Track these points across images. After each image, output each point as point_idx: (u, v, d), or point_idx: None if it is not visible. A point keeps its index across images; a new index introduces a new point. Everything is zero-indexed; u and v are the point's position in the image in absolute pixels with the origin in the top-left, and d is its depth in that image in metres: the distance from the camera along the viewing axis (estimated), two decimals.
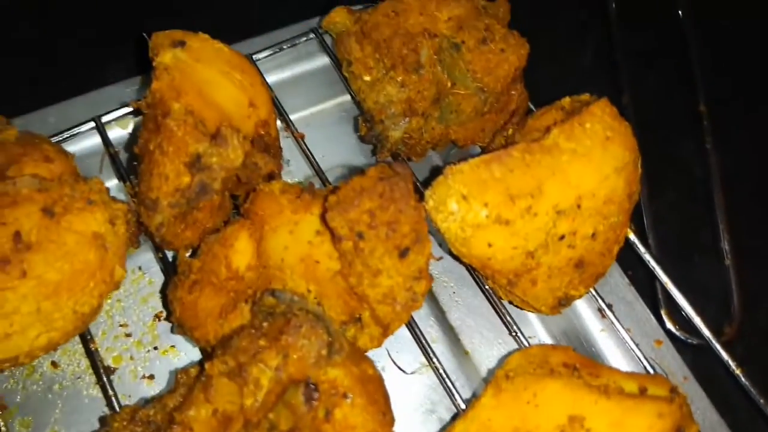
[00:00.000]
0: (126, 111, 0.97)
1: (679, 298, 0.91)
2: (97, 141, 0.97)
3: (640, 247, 0.94)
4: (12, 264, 0.69)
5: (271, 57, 1.07)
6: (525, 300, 0.82)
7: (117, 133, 1.00)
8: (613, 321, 0.88)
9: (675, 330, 0.99)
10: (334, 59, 1.05)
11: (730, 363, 0.87)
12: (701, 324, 0.89)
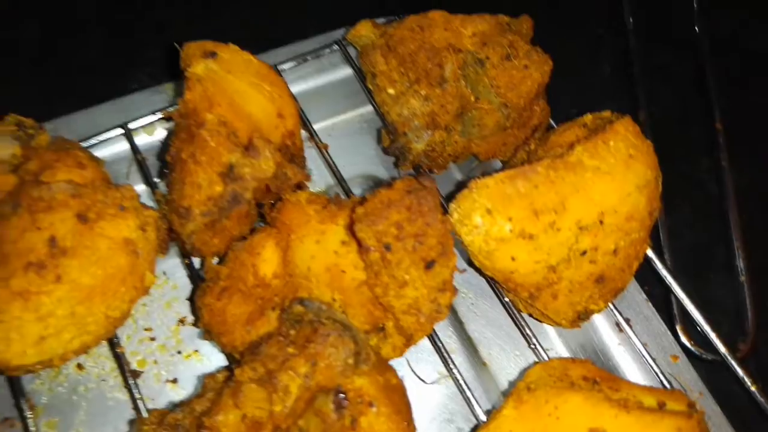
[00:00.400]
0: (153, 118, 0.99)
1: (695, 314, 0.92)
2: (124, 147, 0.99)
3: (657, 263, 0.95)
4: (47, 268, 0.71)
5: (295, 68, 1.09)
6: (545, 313, 0.84)
7: (144, 140, 1.01)
8: (631, 335, 0.90)
9: (690, 346, 1.00)
10: (357, 71, 1.07)
11: (745, 379, 0.88)
12: (717, 340, 0.91)
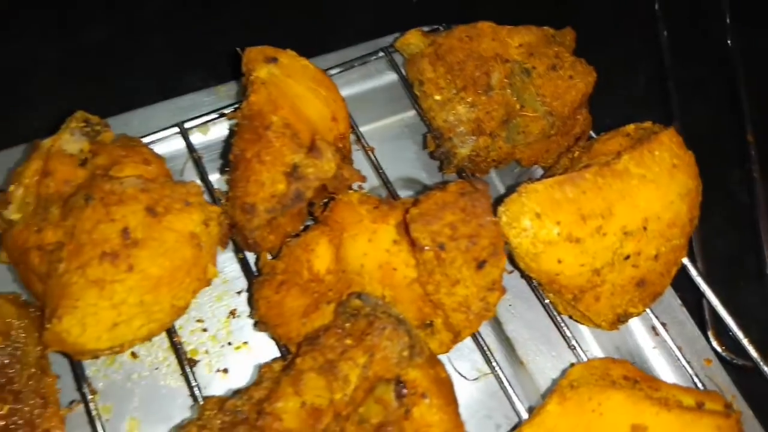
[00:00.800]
0: (207, 118, 1.03)
1: (728, 319, 0.95)
2: (178, 146, 1.03)
3: (691, 270, 0.98)
4: (121, 258, 0.75)
5: (341, 73, 1.13)
6: (586, 315, 0.87)
7: (198, 139, 1.05)
8: (666, 339, 0.93)
9: (721, 351, 1.03)
10: (402, 78, 1.11)
11: None
12: (749, 345, 0.94)
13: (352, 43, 1.16)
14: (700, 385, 0.90)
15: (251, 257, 0.95)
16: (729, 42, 1.38)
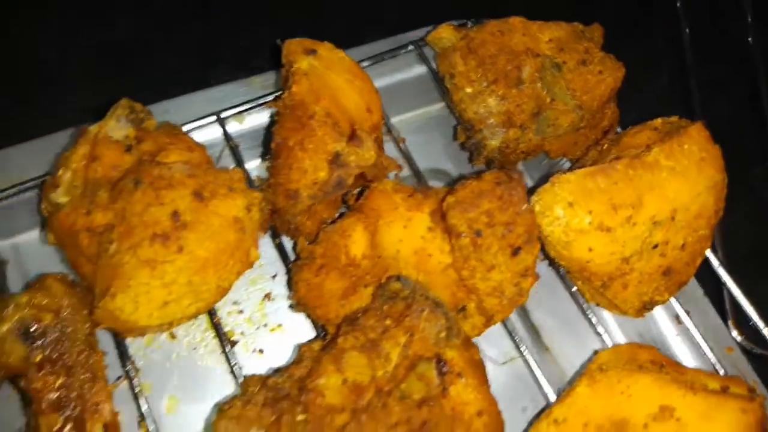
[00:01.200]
0: (243, 108, 1.06)
1: (749, 308, 0.97)
2: (215, 134, 1.06)
3: (713, 261, 1.00)
4: (171, 240, 0.78)
5: (371, 66, 1.15)
6: (614, 302, 0.89)
7: (234, 128, 1.08)
8: (690, 327, 0.95)
9: (741, 340, 1.06)
10: (431, 70, 1.13)
11: None
12: None
13: (381, 37, 1.19)
14: (722, 372, 0.92)
15: (287, 243, 0.98)
16: (750, 40, 1.41)
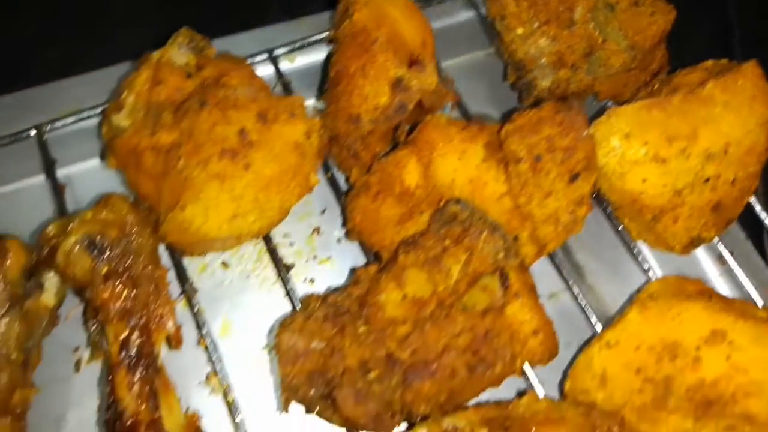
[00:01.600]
0: (295, 46, 1.08)
1: None
2: (266, 72, 1.08)
3: (756, 205, 1.02)
4: (239, 156, 0.81)
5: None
6: (662, 237, 0.91)
7: (286, 66, 1.10)
8: (734, 266, 0.97)
9: None
10: (479, 15, 1.15)
11: None
12: None
13: None
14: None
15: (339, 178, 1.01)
16: None
